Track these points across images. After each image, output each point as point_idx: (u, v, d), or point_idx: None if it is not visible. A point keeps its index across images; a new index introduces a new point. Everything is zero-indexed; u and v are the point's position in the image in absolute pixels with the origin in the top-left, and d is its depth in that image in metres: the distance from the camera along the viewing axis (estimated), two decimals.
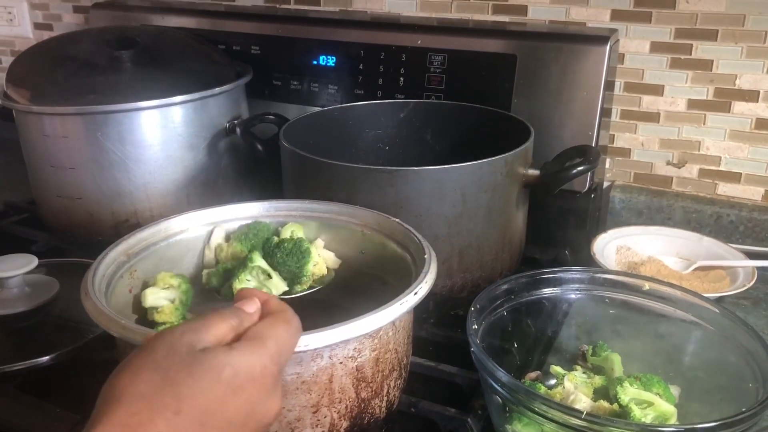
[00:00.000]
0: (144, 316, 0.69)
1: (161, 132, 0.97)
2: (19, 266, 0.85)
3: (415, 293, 0.60)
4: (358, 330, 0.55)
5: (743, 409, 0.54)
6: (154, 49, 1.05)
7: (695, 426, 0.53)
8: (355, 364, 0.59)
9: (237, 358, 0.43)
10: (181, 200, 1.00)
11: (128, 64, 1.00)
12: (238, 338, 0.46)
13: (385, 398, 0.63)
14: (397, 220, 0.73)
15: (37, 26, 1.64)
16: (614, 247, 1.01)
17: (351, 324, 0.55)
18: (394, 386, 0.64)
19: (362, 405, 0.61)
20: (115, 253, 0.69)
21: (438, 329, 0.84)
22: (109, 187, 0.97)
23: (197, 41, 1.16)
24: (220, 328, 0.45)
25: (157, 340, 0.43)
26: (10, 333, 0.83)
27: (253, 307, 0.49)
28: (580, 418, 0.54)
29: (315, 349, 0.55)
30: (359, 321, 0.56)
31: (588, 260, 0.95)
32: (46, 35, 1.60)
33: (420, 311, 0.70)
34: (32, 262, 0.86)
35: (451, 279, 0.84)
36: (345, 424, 0.60)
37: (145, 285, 0.71)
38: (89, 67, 0.99)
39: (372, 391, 0.61)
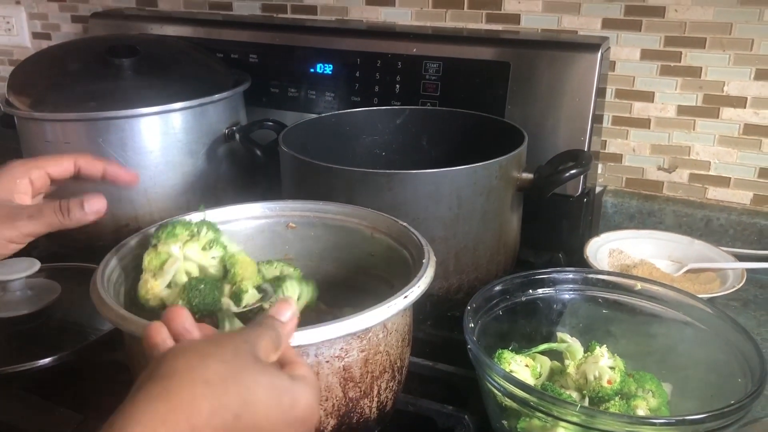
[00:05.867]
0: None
1: (161, 138, 0.99)
2: (22, 270, 0.87)
3: (405, 296, 0.60)
4: (342, 330, 0.56)
5: (732, 401, 0.56)
6: (153, 57, 1.07)
7: (686, 417, 0.54)
8: (342, 363, 0.59)
9: (298, 392, 0.45)
10: (181, 205, 1.01)
11: (129, 72, 1.02)
12: (280, 359, 0.48)
13: (376, 399, 0.64)
14: (405, 223, 0.74)
15: (36, 36, 1.65)
16: (607, 250, 1.03)
17: (335, 324, 0.56)
18: (386, 388, 0.65)
19: (350, 404, 0.61)
20: (127, 249, 0.71)
21: (435, 330, 0.85)
22: (110, 192, 0.97)
23: (196, 50, 1.17)
24: (266, 341, 0.46)
25: (222, 337, 0.45)
26: (13, 335, 0.84)
27: (287, 315, 0.50)
28: (574, 411, 0.55)
29: (299, 347, 0.55)
30: (344, 321, 0.56)
31: (581, 263, 0.96)
32: (44, 44, 1.61)
33: (417, 313, 0.72)
34: (34, 265, 0.88)
35: (448, 281, 0.85)
36: (332, 422, 0.61)
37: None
38: (90, 74, 1.01)
39: (360, 392, 0.62)
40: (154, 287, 0.64)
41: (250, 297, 0.66)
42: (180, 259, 0.65)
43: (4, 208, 0.62)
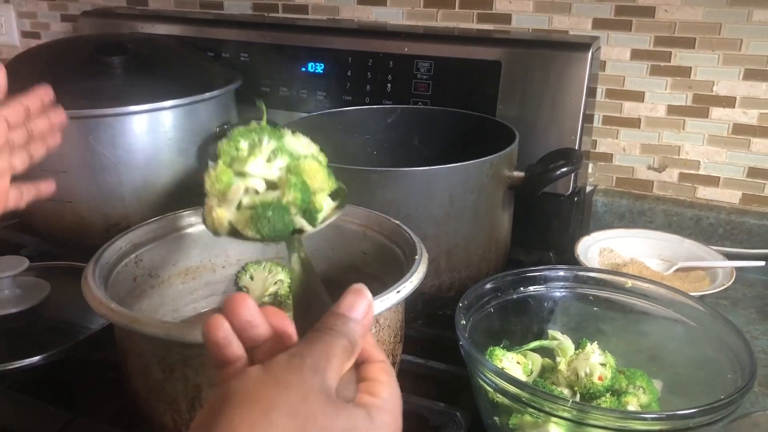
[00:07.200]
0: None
1: (152, 136, 0.98)
2: (10, 268, 0.86)
3: (398, 291, 0.61)
4: None
5: (722, 396, 0.56)
6: (144, 55, 1.06)
7: (676, 412, 0.55)
8: None
9: (377, 427, 0.39)
10: (172, 204, 1.00)
11: (119, 70, 1.01)
12: (356, 366, 0.42)
13: None
14: (397, 222, 0.75)
15: (25, 34, 1.65)
16: (597, 249, 1.03)
17: None
18: None
19: None
20: (122, 242, 0.71)
21: (427, 328, 0.85)
22: (100, 190, 0.98)
23: (186, 48, 1.17)
24: (337, 361, 0.39)
25: (288, 371, 0.38)
26: (1, 334, 0.83)
27: (361, 311, 0.42)
28: (565, 407, 0.56)
29: None
30: None
31: (572, 262, 0.97)
32: (33, 44, 1.60)
33: (409, 311, 0.72)
34: (23, 263, 0.87)
35: (439, 278, 0.85)
36: None
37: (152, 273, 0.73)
38: (80, 72, 1.00)
39: None
40: (221, 215, 0.58)
41: (325, 212, 0.60)
42: (243, 185, 0.58)
43: None
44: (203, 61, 1.15)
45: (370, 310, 0.43)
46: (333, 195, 0.62)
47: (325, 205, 0.60)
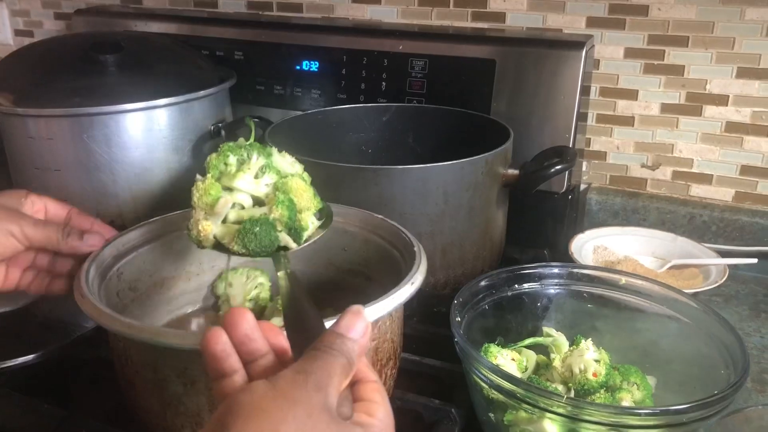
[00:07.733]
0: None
1: (147, 134, 0.98)
2: None
3: (412, 283, 0.61)
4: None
5: (715, 392, 0.56)
6: (138, 53, 1.06)
7: (669, 408, 0.55)
8: None
9: None
10: (166, 202, 1.00)
11: (113, 68, 1.01)
12: (351, 384, 0.44)
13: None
14: (381, 216, 0.75)
15: (18, 33, 1.64)
16: (591, 247, 1.03)
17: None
18: (390, 375, 0.66)
19: None
20: (103, 257, 0.69)
21: (422, 326, 0.85)
22: (94, 188, 0.98)
23: (181, 46, 1.17)
24: (337, 378, 0.42)
25: (292, 386, 0.40)
26: None
27: (359, 331, 0.45)
28: (560, 402, 0.56)
29: None
30: (367, 309, 0.55)
31: (566, 260, 0.97)
32: (26, 42, 1.60)
33: (404, 309, 0.72)
34: None
35: (434, 276, 0.86)
36: None
37: (132, 286, 0.72)
38: (74, 70, 1.00)
39: None
40: (207, 228, 0.59)
41: (310, 230, 0.62)
42: (231, 200, 0.60)
43: (12, 211, 0.66)
44: (198, 59, 1.15)
45: (368, 331, 0.45)
46: (318, 215, 0.64)
47: (310, 224, 0.62)
